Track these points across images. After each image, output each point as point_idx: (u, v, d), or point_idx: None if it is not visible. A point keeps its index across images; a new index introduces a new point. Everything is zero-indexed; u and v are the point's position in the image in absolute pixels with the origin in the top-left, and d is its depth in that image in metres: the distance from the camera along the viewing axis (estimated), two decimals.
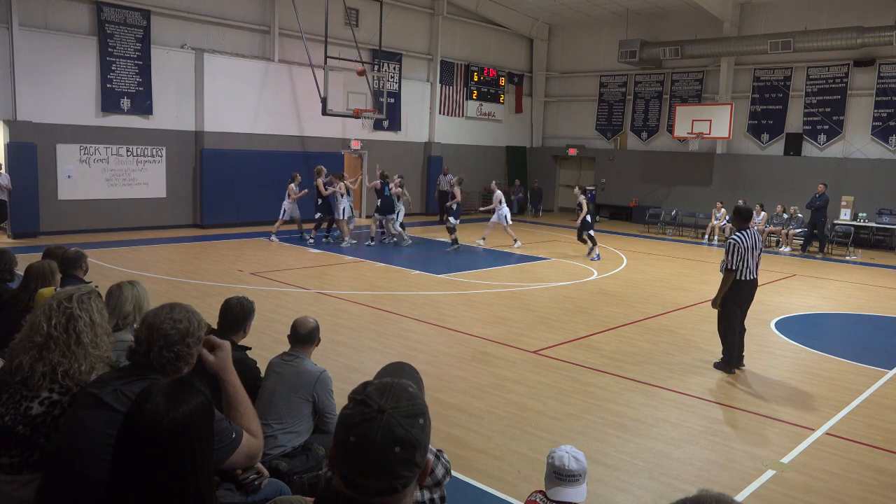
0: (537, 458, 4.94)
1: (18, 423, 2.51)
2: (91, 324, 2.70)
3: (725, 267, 7.17)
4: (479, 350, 7.91)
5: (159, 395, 1.89)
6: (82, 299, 2.75)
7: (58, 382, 2.57)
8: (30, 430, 2.50)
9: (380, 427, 1.34)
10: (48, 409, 2.53)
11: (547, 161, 26.79)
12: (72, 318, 2.66)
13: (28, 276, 4.66)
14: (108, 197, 16.21)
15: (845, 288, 13.05)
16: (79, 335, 2.65)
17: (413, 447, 1.36)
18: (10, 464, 2.50)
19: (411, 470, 1.38)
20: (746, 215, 7.41)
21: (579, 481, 3.20)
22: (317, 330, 4.37)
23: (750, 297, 7.42)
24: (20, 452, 2.50)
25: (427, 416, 1.42)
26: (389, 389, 1.41)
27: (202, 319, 2.65)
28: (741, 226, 7.31)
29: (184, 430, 1.85)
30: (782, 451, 5.44)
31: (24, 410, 2.52)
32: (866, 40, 18.29)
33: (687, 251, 17.54)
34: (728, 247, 7.18)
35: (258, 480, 3.05)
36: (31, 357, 2.58)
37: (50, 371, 2.57)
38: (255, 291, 10.07)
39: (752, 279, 7.26)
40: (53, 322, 2.64)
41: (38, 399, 2.54)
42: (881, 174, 19.11)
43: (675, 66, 23.04)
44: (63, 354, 2.60)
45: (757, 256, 7.24)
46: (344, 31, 19.40)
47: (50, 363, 2.57)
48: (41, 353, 2.58)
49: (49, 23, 15.02)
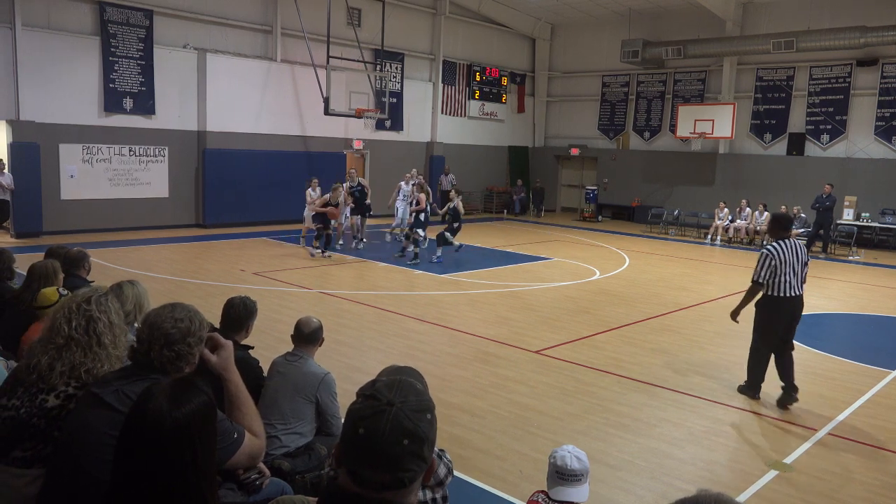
0: (539, 457, 4.93)
1: (34, 415, 2.53)
2: (110, 325, 2.75)
3: (753, 278, 6.47)
4: (481, 350, 7.91)
5: (161, 396, 1.88)
6: (100, 301, 2.79)
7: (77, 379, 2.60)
8: (45, 422, 2.53)
9: (389, 419, 1.37)
10: (64, 402, 2.56)
11: (549, 161, 26.79)
12: (91, 320, 2.70)
13: (31, 276, 4.66)
14: (111, 197, 16.23)
15: (848, 288, 13.03)
16: (99, 336, 2.69)
17: (421, 440, 1.38)
18: (22, 457, 2.52)
19: (418, 464, 1.40)
20: (786, 224, 6.59)
21: (581, 481, 3.20)
22: (320, 330, 4.37)
23: (792, 317, 6.50)
24: (33, 445, 2.52)
25: (434, 412, 1.45)
26: (398, 385, 1.44)
27: (204, 319, 2.65)
28: (780, 235, 6.48)
29: (186, 429, 1.85)
30: (785, 452, 5.43)
31: (39, 403, 2.55)
32: (869, 40, 18.26)
33: (689, 251, 17.52)
34: (760, 256, 6.42)
35: (260, 480, 3.05)
36: (50, 357, 2.61)
37: (69, 370, 2.60)
38: (257, 291, 10.08)
39: (792, 296, 6.40)
40: (74, 324, 2.68)
41: (54, 392, 2.57)
42: (884, 174, 19.07)
43: (678, 66, 23.01)
44: (84, 355, 2.64)
45: (800, 270, 6.39)
46: (346, 30, 19.41)
47: (70, 362, 2.61)
48: (61, 354, 2.62)
49: (52, 23, 15.04)
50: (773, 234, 6.62)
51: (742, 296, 6.75)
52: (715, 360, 7.93)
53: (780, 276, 6.32)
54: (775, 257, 6.30)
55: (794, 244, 6.42)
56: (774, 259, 6.30)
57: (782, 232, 6.50)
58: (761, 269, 6.38)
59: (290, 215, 18.71)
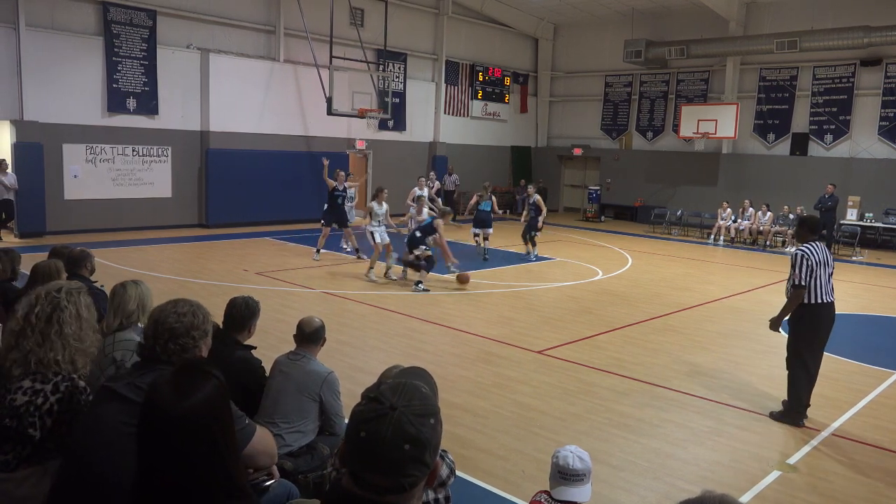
0: (542, 458, 4.93)
1: (5, 416, 2.53)
2: (77, 316, 2.74)
3: (793, 283, 5.94)
4: (483, 350, 7.91)
5: (167, 386, 1.86)
6: (71, 292, 2.78)
7: (31, 371, 2.58)
8: (16, 421, 2.52)
9: (391, 424, 1.35)
10: (31, 398, 2.54)
11: (552, 161, 26.77)
12: (57, 308, 2.70)
13: (34, 276, 4.68)
14: (114, 197, 16.26)
15: (851, 288, 12.99)
16: (61, 325, 2.67)
17: (423, 446, 1.37)
18: (4, 461, 2.52)
19: (420, 469, 1.38)
20: (814, 226, 6.22)
21: (583, 481, 3.20)
22: (322, 329, 4.38)
23: (831, 325, 6.09)
24: (12, 447, 2.52)
25: (439, 417, 1.43)
26: (402, 388, 1.43)
27: (208, 313, 2.67)
28: (808, 238, 6.10)
29: (199, 416, 1.82)
30: (788, 452, 5.43)
31: (8, 403, 2.55)
32: (873, 40, 18.21)
33: (692, 251, 17.49)
34: (794, 259, 5.93)
35: (267, 482, 3.05)
36: (6, 342, 2.62)
37: (21, 359, 2.58)
38: (260, 291, 10.09)
39: (830, 302, 6.02)
40: (37, 310, 2.67)
41: (20, 390, 2.56)
42: (888, 174, 19.03)
43: (681, 66, 22.98)
44: (38, 343, 2.62)
45: (828, 276, 6.02)
46: (349, 30, 19.42)
47: (24, 349, 2.59)
48: (17, 341, 2.61)
49: (55, 23, 15.08)
50: (801, 238, 6.24)
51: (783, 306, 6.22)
52: (717, 360, 7.92)
53: (817, 279, 5.91)
54: (811, 257, 5.90)
55: (823, 248, 6.09)
56: (811, 259, 5.89)
57: (810, 235, 6.16)
58: (800, 272, 5.88)
59: (293, 215, 18.78)
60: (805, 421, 6.00)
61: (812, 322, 5.96)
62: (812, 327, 5.97)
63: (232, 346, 4.04)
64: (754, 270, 14.67)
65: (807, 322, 5.96)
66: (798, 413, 6.02)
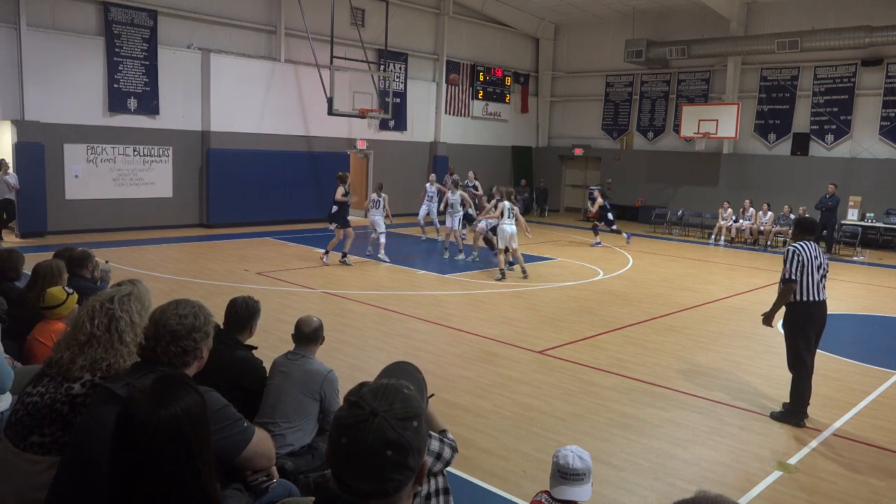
0: (542, 457, 4.93)
1: (57, 401, 2.59)
2: (131, 324, 2.81)
3: (784, 277, 6.07)
4: (484, 350, 7.91)
5: (144, 397, 1.85)
6: (123, 300, 2.85)
7: (100, 370, 2.66)
8: (68, 408, 2.58)
9: (371, 430, 1.33)
10: (89, 390, 2.61)
11: (553, 161, 26.77)
12: (113, 319, 2.77)
13: (35, 276, 4.69)
14: (115, 196, 16.27)
15: (852, 288, 12.99)
16: (121, 334, 2.76)
17: (405, 450, 1.35)
18: (40, 443, 2.56)
19: (403, 473, 1.36)
20: (810, 227, 6.38)
21: (584, 481, 3.20)
22: (320, 329, 4.38)
23: (823, 323, 6.20)
24: (52, 431, 2.56)
25: (422, 418, 1.40)
26: (384, 391, 1.40)
27: (210, 315, 2.66)
28: (803, 238, 6.27)
29: (174, 428, 1.81)
30: (789, 452, 5.42)
31: (65, 390, 2.61)
32: (874, 39, 18.20)
33: (693, 251, 17.49)
34: (787, 254, 6.11)
35: (267, 483, 3.05)
36: (72, 352, 2.68)
37: (90, 364, 2.66)
38: (260, 291, 10.10)
39: (822, 300, 6.13)
40: (96, 322, 2.75)
41: (80, 381, 2.63)
42: (889, 174, 19.02)
43: (682, 66, 22.97)
44: (106, 351, 2.71)
45: (821, 275, 6.12)
46: (350, 31, 19.43)
47: (91, 358, 2.68)
48: (83, 350, 2.69)
49: (56, 23, 15.09)
50: (795, 238, 6.39)
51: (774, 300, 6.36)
52: (718, 360, 7.92)
53: (809, 277, 6.03)
54: (802, 253, 6.05)
55: (816, 247, 6.19)
56: (802, 255, 6.03)
57: (807, 235, 6.31)
58: (791, 266, 6.04)
59: (294, 215, 18.79)
60: (805, 421, 6.06)
61: (805, 319, 6.08)
62: (804, 325, 6.09)
63: (232, 347, 4.04)
64: (755, 270, 14.67)
65: (800, 320, 6.09)
66: (800, 413, 6.09)
